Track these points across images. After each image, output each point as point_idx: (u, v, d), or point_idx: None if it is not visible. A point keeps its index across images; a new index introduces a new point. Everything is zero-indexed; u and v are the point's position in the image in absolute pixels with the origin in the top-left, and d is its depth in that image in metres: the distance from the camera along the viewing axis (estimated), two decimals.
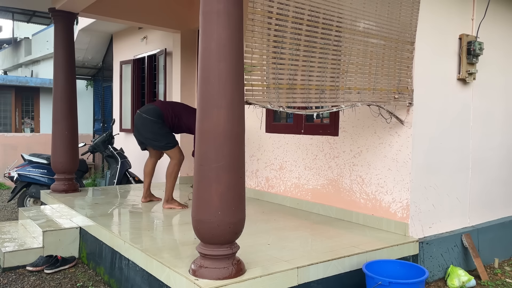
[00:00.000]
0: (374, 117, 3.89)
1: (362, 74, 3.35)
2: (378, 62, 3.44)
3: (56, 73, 5.76)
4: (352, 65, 3.28)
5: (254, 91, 2.79)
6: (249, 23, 2.68)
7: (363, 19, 3.29)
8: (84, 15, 6.16)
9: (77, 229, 4.38)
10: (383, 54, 3.46)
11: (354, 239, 3.57)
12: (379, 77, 3.46)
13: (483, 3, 4.15)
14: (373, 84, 3.42)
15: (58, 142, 5.74)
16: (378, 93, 3.45)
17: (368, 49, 3.36)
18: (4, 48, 17.06)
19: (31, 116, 13.88)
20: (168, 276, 2.82)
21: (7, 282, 3.72)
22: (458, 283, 3.65)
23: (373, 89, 3.41)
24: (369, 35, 3.35)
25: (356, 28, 3.27)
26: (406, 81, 3.62)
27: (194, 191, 2.63)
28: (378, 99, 3.44)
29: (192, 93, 7.08)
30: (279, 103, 2.88)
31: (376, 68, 3.43)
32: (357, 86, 3.32)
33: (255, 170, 5.45)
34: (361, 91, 3.33)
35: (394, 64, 3.55)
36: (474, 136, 4.25)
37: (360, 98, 3.32)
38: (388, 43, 3.47)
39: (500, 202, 4.64)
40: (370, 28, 3.34)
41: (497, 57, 4.46)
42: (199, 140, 2.59)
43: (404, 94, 3.60)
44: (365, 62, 3.36)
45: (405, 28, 3.56)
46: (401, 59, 3.58)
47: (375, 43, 3.39)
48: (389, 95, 3.52)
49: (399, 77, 3.58)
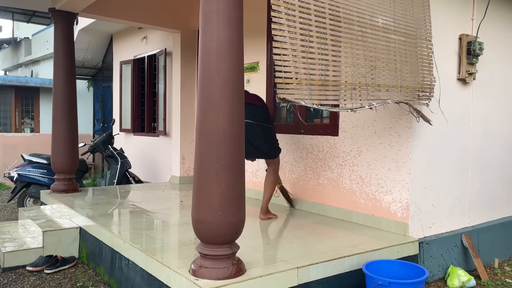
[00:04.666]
0: (405, 114, 3.68)
1: (389, 70, 3.22)
2: (401, 58, 3.33)
3: (56, 73, 5.76)
4: (379, 61, 3.16)
5: (287, 87, 2.61)
6: (275, 14, 2.56)
7: (380, 14, 3.20)
8: (84, 15, 6.16)
9: (77, 229, 4.38)
10: (405, 50, 3.36)
11: (354, 239, 3.57)
12: (404, 74, 3.34)
13: (483, 3, 4.14)
14: (400, 81, 3.30)
15: (58, 142, 5.73)
16: (405, 91, 3.33)
17: (391, 45, 3.25)
18: (4, 48, 17.05)
19: (31, 116, 13.88)
20: (168, 276, 2.82)
21: (7, 282, 3.72)
22: (458, 283, 3.65)
23: (400, 87, 3.30)
24: (388, 31, 3.24)
25: (376, 23, 3.16)
26: (429, 78, 3.53)
27: (194, 191, 2.63)
28: (405, 97, 3.32)
29: (192, 93, 7.08)
30: (311, 100, 2.74)
31: (400, 65, 3.32)
32: (386, 83, 3.19)
33: (255, 170, 5.45)
34: (390, 89, 3.21)
35: (416, 61, 3.45)
36: (474, 136, 4.25)
37: (389, 95, 3.20)
38: (408, 39, 3.38)
39: (500, 202, 4.64)
40: (388, 23, 3.24)
41: (497, 57, 4.46)
42: (199, 140, 2.59)
43: (426, 92, 3.50)
44: (389, 58, 3.24)
45: (420, 24, 3.47)
46: (421, 56, 3.50)
47: (395, 39, 3.28)
48: (414, 93, 3.41)
49: (423, 74, 3.48)
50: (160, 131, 7.76)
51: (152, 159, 8.02)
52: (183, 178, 6.85)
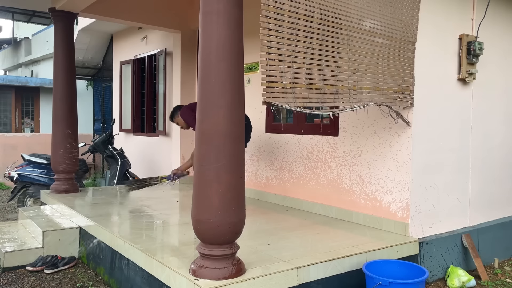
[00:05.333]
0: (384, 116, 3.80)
1: (371, 74, 3.33)
2: (384, 61, 3.43)
3: (56, 73, 5.76)
4: (362, 65, 3.26)
5: (271, 90, 2.70)
6: (264, 20, 2.62)
7: (369, 18, 3.28)
8: (84, 15, 6.16)
9: (77, 229, 4.38)
10: (388, 53, 3.45)
11: (354, 239, 3.57)
12: (385, 76, 3.44)
13: (483, 3, 4.14)
14: (381, 84, 3.41)
15: (58, 142, 5.73)
16: (386, 93, 3.44)
17: (375, 49, 3.35)
18: (4, 48, 17.05)
19: (31, 116, 13.88)
20: (168, 276, 2.82)
21: (7, 282, 3.72)
22: (458, 283, 3.64)
23: (382, 89, 3.40)
24: (375, 35, 3.34)
25: (363, 27, 3.25)
26: (409, 81, 3.62)
27: (194, 191, 2.63)
28: (386, 99, 3.44)
29: (192, 93, 7.08)
30: (295, 103, 2.82)
31: (383, 68, 3.42)
32: (368, 86, 3.30)
33: (255, 170, 5.45)
34: (371, 91, 3.32)
35: (398, 64, 3.55)
36: (474, 136, 4.25)
37: (370, 98, 3.30)
38: (392, 42, 3.47)
39: (500, 202, 4.63)
40: (375, 27, 3.34)
41: (497, 57, 4.46)
42: (199, 140, 2.59)
43: (406, 94, 3.61)
44: (373, 61, 3.34)
45: (407, 27, 3.56)
46: (404, 59, 3.58)
47: (380, 42, 3.38)
48: (395, 95, 3.52)
49: (403, 77, 3.58)
50: (160, 131, 7.76)
51: (152, 159, 8.02)
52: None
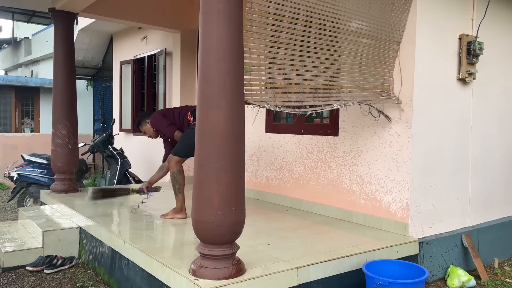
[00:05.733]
0: (364, 115, 3.93)
1: (353, 73, 3.41)
2: (367, 61, 3.51)
3: (56, 73, 5.76)
4: (344, 64, 3.34)
5: (252, 91, 2.81)
6: (247, 23, 2.71)
7: (356, 19, 3.34)
8: (84, 15, 6.16)
9: (77, 229, 4.38)
10: (372, 53, 3.53)
11: (354, 239, 3.57)
12: (367, 76, 3.52)
13: (483, 3, 4.14)
14: (363, 83, 3.48)
15: (58, 142, 5.73)
16: (367, 92, 3.52)
17: (359, 49, 3.42)
18: (4, 48, 17.06)
19: (31, 116, 13.88)
20: (168, 276, 2.82)
21: (7, 282, 3.72)
22: (458, 283, 3.65)
23: (363, 88, 3.48)
24: (360, 35, 3.41)
25: (349, 28, 3.32)
26: (389, 80, 3.70)
27: (194, 191, 2.63)
28: (367, 98, 3.51)
29: (192, 93, 7.08)
30: (275, 102, 2.91)
31: (365, 67, 3.50)
32: (349, 85, 3.38)
33: (255, 170, 5.45)
34: (352, 90, 3.40)
35: (381, 63, 3.62)
36: (474, 136, 4.25)
37: (351, 96, 3.38)
38: (377, 42, 3.54)
39: (500, 202, 4.63)
40: (362, 28, 3.41)
41: (497, 57, 4.46)
42: (199, 140, 2.59)
43: (387, 92, 3.68)
44: (355, 61, 3.42)
45: (394, 28, 3.63)
46: (387, 58, 3.66)
47: (365, 42, 3.45)
48: (377, 93, 3.60)
49: (383, 76, 3.66)
50: None
51: (152, 159, 8.01)
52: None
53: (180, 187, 4.22)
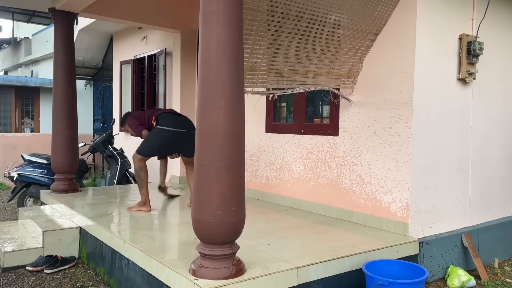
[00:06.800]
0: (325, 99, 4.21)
1: (322, 60, 3.60)
2: (338, 49, 3.69)
3: (56, 73, 5.76)
4: (315, 52, 3.52)
5: None
6: None
7: (336, 12, 3.48)
8: (84, 15, 6.16)
9: (77, 229, 4.38)
10: (346, 42, 3.70)
11: (354, 239, 3.57)
12: (335, 62, 3.71)
13: (483, 3, 4.14)
14: (329, 68, 3.68)
15: (58, 142, 5.73)
16: (331, 77, 3.74)
17: (334, 39, 3.60)
18: (4, 48, 17.06)
19: (31, 116, 13.88)
20: (168, 276, 2.82)
21: (7, 282, 3.72)
22: (458, 283, 3.65)
23: (328, 74, 3.68)
24: (338, 27, 3.57)
25: (327, 20, 3.48)
26: (357, 66, 3.85)
27: (194, 191, 2.63)
28: (330, 83, 3.75)
29: (192, 93, 7.08)
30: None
31: (335, 54, 3.68)
32: (316, 70, 3.60)
33: (255, 170, 5.45)
34: (317, 75, 3.61)
35: (352, 51, 3.78)
36: (474, 136, 4.25)
37: (315, 81, 3.61)
38: (354, 33, 3.68)
39: (500, 202, 4.64)
40: (341, 20, 3.55)
41: (497, 57, 4.46)
42: (199, 140, 2.59)
43: (351, 78, 3.91)
44: (327, 49, 3.60)
45: (375, 21, 3.74)
46: (360, 47, 3.79)
47: (341, 33, 3.62)
48: (340, 78, 3.81)
49: (353, 62, 3.82)
50: None
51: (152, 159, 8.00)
52: (183, 178, 6.85)
53: (142, 182, 4.61)
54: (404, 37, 3.70)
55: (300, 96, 4.78)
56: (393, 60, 3.78)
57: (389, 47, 3.82)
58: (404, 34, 3.70)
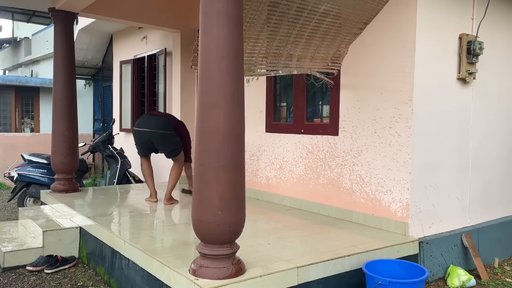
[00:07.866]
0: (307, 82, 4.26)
1: (308, 44, 3.69)
2: (326, 36, 3.77)
3: (56, 73, 5.76)
4: (302, 38, 3.61)
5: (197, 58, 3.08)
6: None
7: (327, 3, 3.54)
8: (84, 15, 6.16)
9: (77, 229, 4.38)
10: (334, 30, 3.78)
11: (354, 238, 3.57)
12: (321, 47, 3.80)
13: (483, 2, 4.14)
14: (314, 53, 3.77)
15: (58, 142, 5.73)
16: (315, 61, 3.83)
17: (322, 26, 3.68)
18: (4, 48, 17.06)
19: (31, 116, 13.88)
20: (168, 276, 2.83)
21: (7, 282, 3.72)
22: (458, 283, 3.65)
23: (312, 57, 3.77)
24: (327, 15, 3.64)
25: (316, 9, 3.56)
26: (343, 51, 3.93)
27: (194, 191, 2.63)
28: (313, 66, 3.83)
29: (192, 93, 7.08)
30: None
31: (322, 40, 3.76)
32: (301, 54, 3.68)
33: (255, 170, 5.45)
34: (301, 59, 3.69)
35: (339, 38, 3.86)
36: (474, 135, 4.25)
37: (298, 64, 3.71)
38: (344, 22, 3.75)
39: (500, 201, 4.64)
40: (330, 10, 3.62)
41: (497, 56, 4.46)
42: (199, 140, 2.59)
43: (336, 63, 4.01)
44: (314, 35, 3.69)
45: (367, 12, 3.80)
46: (347, 34, 3.86)
47: (330, 21, 3.70)
48: (324, 62, 3.90)
49: (338, 48, 3.91)
50: None
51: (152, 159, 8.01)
52: (183, 178, 6.84)
53: (144, 177, 5.25)
54: (404, 37, 3.70)
55: (300, 95, 4.78)
56: (393, 60, 3.79)
57: (389, 47, 3.82)
58: (404, 34, 3.70)
